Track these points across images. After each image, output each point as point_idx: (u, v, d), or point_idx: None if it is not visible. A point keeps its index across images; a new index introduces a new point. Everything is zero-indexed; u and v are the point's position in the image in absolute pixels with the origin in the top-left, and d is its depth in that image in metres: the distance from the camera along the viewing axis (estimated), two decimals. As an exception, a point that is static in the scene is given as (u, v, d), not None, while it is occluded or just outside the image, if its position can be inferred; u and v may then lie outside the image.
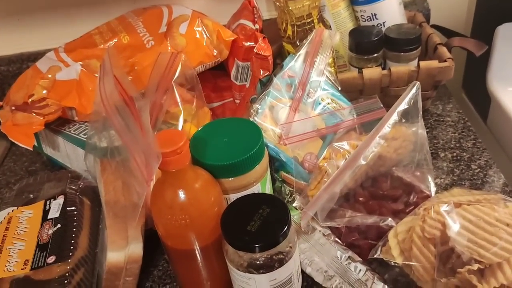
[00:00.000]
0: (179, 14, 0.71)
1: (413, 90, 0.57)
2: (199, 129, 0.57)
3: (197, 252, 0.50)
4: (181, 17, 0.70)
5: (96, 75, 0.67)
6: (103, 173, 0.53)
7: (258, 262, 0.47)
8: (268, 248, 0.46)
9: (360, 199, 0.60)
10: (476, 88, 0.84)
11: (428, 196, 0.59)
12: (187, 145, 0.45)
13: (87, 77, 0.67)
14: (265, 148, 0.56)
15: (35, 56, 0.89)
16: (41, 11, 0.88)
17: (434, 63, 0.71)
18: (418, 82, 0.57)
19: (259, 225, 0.47)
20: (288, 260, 0.48)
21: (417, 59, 0.74)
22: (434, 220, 0.49)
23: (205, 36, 0.69)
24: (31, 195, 0.61)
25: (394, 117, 0.56)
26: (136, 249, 0.51)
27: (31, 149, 0.66)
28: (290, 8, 0.69)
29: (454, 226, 0.48)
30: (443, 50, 0.73)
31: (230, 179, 0.53)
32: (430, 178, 0.60)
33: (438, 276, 0.48)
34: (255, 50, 0.66)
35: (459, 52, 0.89)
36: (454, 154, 0.70)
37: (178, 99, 0.57)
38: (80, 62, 0.67)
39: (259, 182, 0.55)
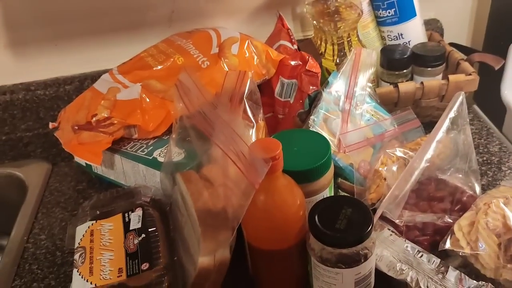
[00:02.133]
0: (228, 36, 0.76)
1: (460, 99, 0.63)
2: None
3: (282, 252, 0.54)
4: (230, 39, 0.75)
5: (154, 94, 0.72)
6: (188, 184, 0.57)
7: (346, 257, 0.51)
8: (357, 244, 0.50)
9: (410, 201, 0.65)
10: (488, 100, 0.92)
11: (473, 195, 0.65)
12: (281, 152, 0.50)
13: (147, 96, 0.70)
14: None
15: (71, 80, 0.91)
16: (78, 36, 0.91)
17: (461, 77, 0.78)
18: (463, 92, 0.64)
19: (346, 223, 0.51)
20: (371, 255, 0.52)
21: (441, 74, 0.82)
22: (495, 213, 0.55)
23: (255, 56, 0.74)
24: (105, 209, 0.63)
25: (447, 123, 0.62)
26: (225, 253, 0.55)
27: (100, 165, 0.69)
28: (338, 26, 0.75)
29: (515, 217, 0.54)
30: (466, 65, 0.81)
31: (303, 184, 0.57)
32: (474, 180, 0.66)
33: (503, 262, 0.53)
34: (306, 68, 0.71)
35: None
36: (484, 158, 0.76)
37: (250, 113, 0.61)
38: (140, 83, 0.71)
39: (327, 188, 0.60)
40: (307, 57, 0.73)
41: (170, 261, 0.58)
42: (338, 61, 0.78)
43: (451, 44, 0.89)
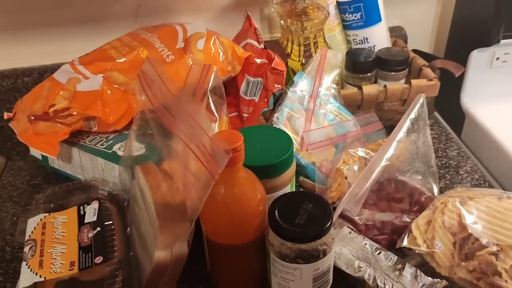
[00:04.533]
0: (194, 31, 0.75)
1: (420, 100, 0.64)
2: (232, 135, 0.61)
3: (241, 247, 0.53)
4: (197, 34, 0.74)
5: (116, 86, 0.70)
6: (147, 176, 0.55)
7: (305, 253, 0.51)
8: (316, 239, 0.50)
9: (370, 201, 0.66)
10: (449, 107, 0.95)
11: (431, 197, 0.66)
12: (243, 144, 0.49)
13: (109, 88, 0.69)
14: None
15: (30, 72, 0.89)
16: (39, 27, 0.88)
17: (423, 82, 0.80)
18: (424, 94, 0.65)
19: (306, 218, 0.51)
20: (330, 251, 0.52)
21: (404, 78, 0.83)
22: (451, 212, 0.56)
23: (221, 52, 0.74)
24: (59, 202, 0.61)
25: (407, 123, 0.63)
26: (183, 247, 0.53)
27: (56, 157, 0.66)
28: (305, 26, 0.75)
29: (470, 216, 0.55)
30: (428, 70, 0.83)
31: (265, 180, 0.57)
32: (432, 181, 0.67)
33: (457, 260, 0.54)
34: (272, 66, 0.71)
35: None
36: (443, 161, 0.78)
37: (213, 108, 0.60)
38: (101, 74, 0.69)
39: (289, 184, 0.60)
40: (273, 55, 0.73)
41: (126, 256, 0.56)
42: (304, 61, 0.79)
43: (414, 51, 0.91)
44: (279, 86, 0.73)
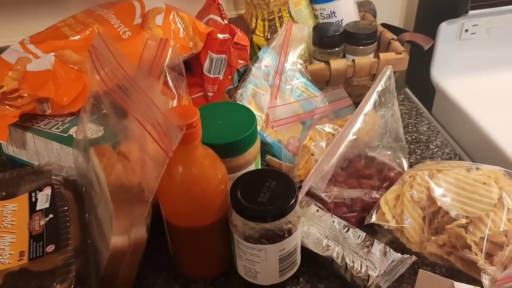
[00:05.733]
0: (153, 6, 0.71)
1: (388, 72, 0.62)
2: (193, 112, 0.57)
3: (203, 229, 0.51)
4: (155, 9, 0.71)
5: (70, 65, 0.66)
6: (101, 158, 0.52)
7: (270, 232, 0.49)
8: (280, 217, 0.48)
9: (339, 178, 0.64)
10: (419, 82, 0.93)
11: (400, 172, 0.65)
12: (199, 120, 0.46)
13: (61, 67, 0.65)
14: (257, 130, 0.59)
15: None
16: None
17: (392, 55, 0.78)
18: (391, 66, 0.63)
19: (269, 196, 0.49)
20: (296, 230, 0.50)
21: (373, 53, 0.81)
22: (420, 185, 0.54)
23: (181, 28, 0.70)
24: (10, 190, 0.57)
25: (374, 96, 0.61)
26: (141, 231, 0.50)
27: (5, 142, 0.62)
28: (261, 4, 0.72)
29: (439, 189, 0.53)
30: (397, 44, 0.81)
31: (227, 159, 0.54)
32: (402, 156, 0.66)
33: (427, 235, 0.53)
34: (234, 40, 0.68)
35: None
36: (413, 136, 0.77)
37: (171, 84, 0.57)
38: (53, 53, 0.65)
39: (253, 163, 0.57)
40: (236, 29, 0.70)
41: (82, 244, 0.53)
42: (269, 37, 0.76)
43: (383, 25, 0.89)
44: (243, 62, 0.70)
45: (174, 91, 0.57)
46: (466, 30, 0.83)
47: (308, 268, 0.56)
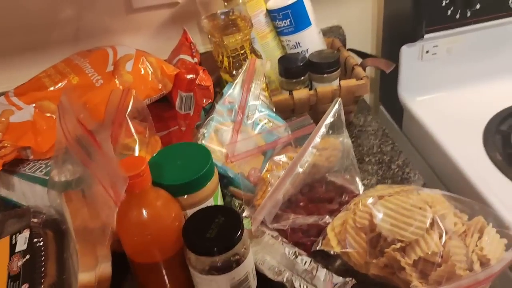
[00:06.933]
0: (124, 53, 0.78)
1: (336, 106, 0.67)
2: (155, 154, 0.63)
3: (162, 264, 0.56)
4: (126, 56, 0.77)
5: (48, 114, 0.72)
6: (69, 203, 0.58)
7: (218, 265, 0.53)
8: (226, 251, 0.53)
9: (301, 203, 0.69)
10: (391, 101, 0.97)
11: (357, 195, 0.69)
12: (147, 168, 0.52)
13: (40, 117, 0.71)
14: (214, 166, 0.64)
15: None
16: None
17: (352, 82, 0.82)
18: (340, 98, 0.67)
19: (216, 232, 0.54)
20: (244, 260, 0.55)
21: (338, 79, 0.85)
22: (362, 212, 0.58)
23: (149, 72, 0.76)
24: (-5, 233, 0.64)
25: (323, 129, 0.65)
26: (106, 268, 0.56)
27: (-9, 189, 0.69)
28: (225, 43, 0.78)
29: (379, 215, 0.57)
30: (359, 70, 0.85)
31: (185, 196, 0.59)
32: (358, 179, 0.70)
33: (370, 258, 0.57)
34: (197, 82, 0.74)
35: (375, 71, 1.02)
36: (377, 157, 0.80)
37: (133, 131, 0.63)
38: (33, 104, 0.72)
39: (211, 197, 0.62)
40: (200, 70, 0.75)
41: (58, 280, 0.59)
42: (234, 72, 0.81)
43: (351, 50, 0.93)
44: (208, 100, 0.75)
45: (135, 136, 0.63)
46: (427, 52, 0.87)
47: (265, 292, 0.61)
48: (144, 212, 0.53)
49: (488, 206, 0.59)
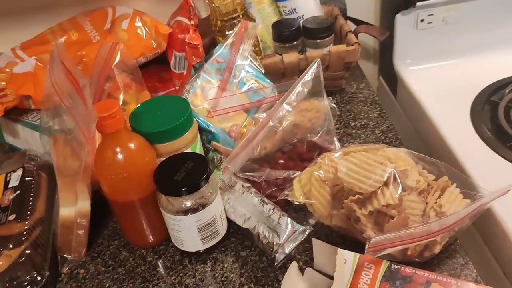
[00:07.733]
0: (122, 13, 0.81)
1: (315, 65, 0.68)
2: (138, 105, 0.67)
3: (136, 203, 0.61)
4: (123, 15, 0.81)
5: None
6: (55, 145, 0.63)
7: (184, 206, 0.57)
8: (191, 192, 0.57)
9: (280, 161, 0.71)
10: (387, 71, 0.97)
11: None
12: (120, 111, 0.55)
13: (41, 69, 0.76)
14: (194, 118, 0.67)
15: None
16: (-3, 16, 0.96)
17: (342, 47, 0.83)
18: (319, 59, 0.69)
19: (184, 175, 0.57)
20: (210, 204, 0.58)
21: (331, 45, 0.87)
22: (327, 165, 0.61)
23: (144, 30, 0.80)
24: (-7, 172, 0.70)
25: (299, 87, 0.67)
26: (84, 205, 0.61)
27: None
28: (216, 5, 0.80)
29: (342, 169, 0.59)
30: (351, 36, 0.86)
31: (164, 144, 0.63)
32: (335, 139, 0.72)
33: (332, 210, 0.59)
34: (186, 40, 0.77)
35: (375, 41, 1.02)
36: (362, 122, 0.82)
37: (119, 82, 0.67)
38: (34, 57, 0.77)
39: (189, 147, 0.66)
40: (191, 29, 0.78)
41: (46, 216, 0.64)
42: (226, 33, 0.84)
43: (349, 18, 0.94)
44: (198, 59, 0.78)
45: (120, 86, 0.67)
46: (422, 20, 0.87)
47: (236, 238, 0.65)
48: (118, 152, 0.57)
49: (457, 170, 0.60)
